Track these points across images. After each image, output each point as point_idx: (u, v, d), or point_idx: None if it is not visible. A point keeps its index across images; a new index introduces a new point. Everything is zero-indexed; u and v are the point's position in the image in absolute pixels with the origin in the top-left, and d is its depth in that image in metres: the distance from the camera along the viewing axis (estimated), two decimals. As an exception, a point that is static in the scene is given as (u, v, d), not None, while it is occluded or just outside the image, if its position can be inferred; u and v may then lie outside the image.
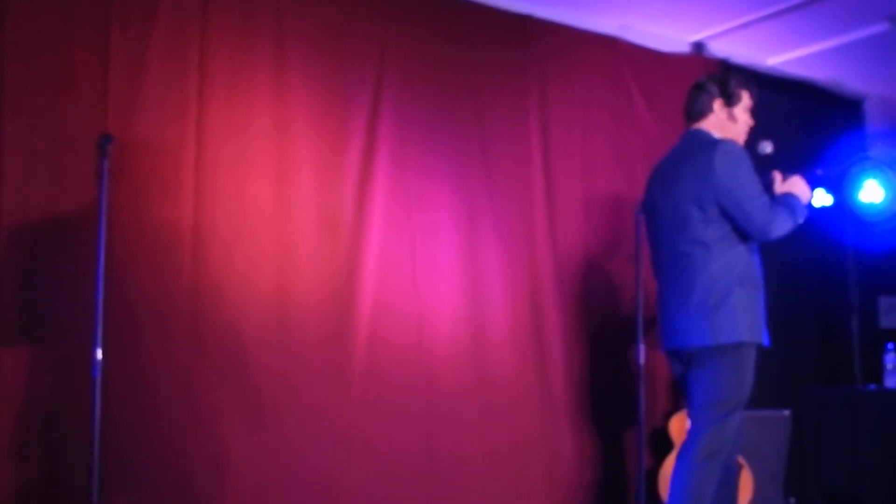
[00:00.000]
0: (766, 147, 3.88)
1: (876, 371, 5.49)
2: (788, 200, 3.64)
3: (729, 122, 3.75)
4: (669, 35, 5.50)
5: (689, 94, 3.81)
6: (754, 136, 3.85)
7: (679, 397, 5.11)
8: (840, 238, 6.09)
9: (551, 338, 4.93)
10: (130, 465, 3.85)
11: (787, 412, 5.08)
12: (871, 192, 5.63)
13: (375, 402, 4.42)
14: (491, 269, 4.80)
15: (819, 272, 6.15)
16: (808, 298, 6.02)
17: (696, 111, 3.77)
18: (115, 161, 3.56)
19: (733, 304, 3.50)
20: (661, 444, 4.95)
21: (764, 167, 3.80)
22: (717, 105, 3.74)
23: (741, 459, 4.80)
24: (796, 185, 3.72)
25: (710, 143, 3.62)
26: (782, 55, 5.76)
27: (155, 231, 4.03)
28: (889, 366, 5.36)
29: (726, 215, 3.54)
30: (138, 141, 3.99)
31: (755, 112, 3.85)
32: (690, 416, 3.65)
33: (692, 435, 3.58)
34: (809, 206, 3.73)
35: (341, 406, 4.34)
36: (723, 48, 5.63)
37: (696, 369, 3.59)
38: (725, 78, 3.79)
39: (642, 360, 4.54)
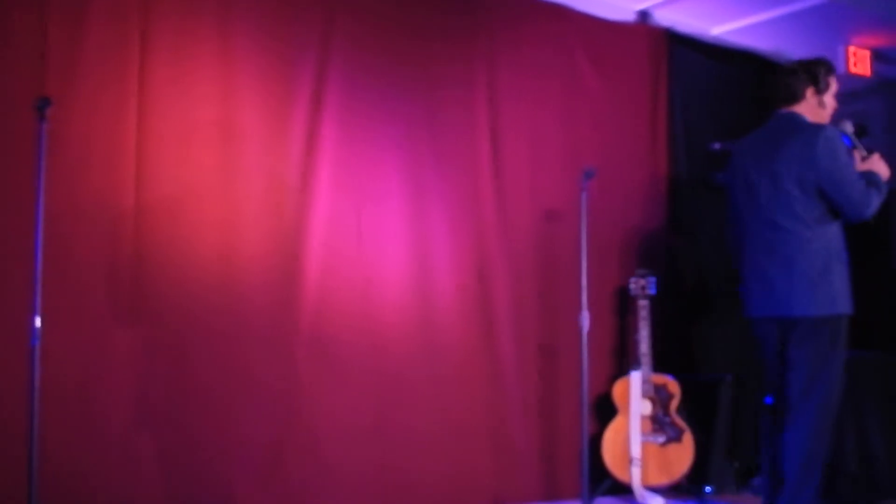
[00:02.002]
0: (848, 126, 4.05)
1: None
2: (874, 179, 3.87)
3: (819, 108, 3.97)
4: (615, 3, 5.50)
5: (776, 77, 4.00)
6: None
7: (622, 361, 5.18)
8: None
9: (498, 304, 4.94)
10: (70, 434, 3.80)
11: (729, 377, 5.15)
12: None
13: (322, 368, 4.41)
14: (438, 236, 4.80)
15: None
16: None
17: (787, 95, 3.96)
18: (54, 124, 3.48)
19: (834, 279, 3.78)
20: (605, 409, 5.00)
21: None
22: (810, 92, 3.96)
23: (683, 424, 4.87)
24: (877, 163, 3.95)
25: (811, 128, 3.85)
26: (726, 24, 5.79)
27: (96, 196, 3.96)
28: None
29: (824, 196, 3.77)
30: (78, 104, 3.91)
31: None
32: (794, 383, 3.83)
33: (802, 405, 3.80)
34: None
35: (288, 373, 4.32)
36: (668, 17, 5.65)
37: (800, 340, 3.82)
38: (816, 67, 3.97)
39: (586, 326, 4.56)
